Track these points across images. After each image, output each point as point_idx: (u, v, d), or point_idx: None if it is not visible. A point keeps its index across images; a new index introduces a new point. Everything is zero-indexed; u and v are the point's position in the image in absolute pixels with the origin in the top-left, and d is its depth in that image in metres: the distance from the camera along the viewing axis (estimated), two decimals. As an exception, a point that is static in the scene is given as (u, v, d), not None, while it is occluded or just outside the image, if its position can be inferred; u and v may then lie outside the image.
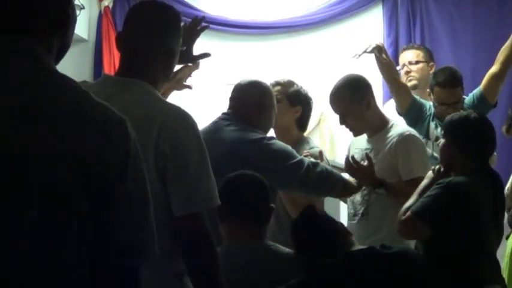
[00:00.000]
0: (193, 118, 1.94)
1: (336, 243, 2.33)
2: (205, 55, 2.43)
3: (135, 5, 2.12)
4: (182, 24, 2.12)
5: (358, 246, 2.34)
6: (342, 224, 2.44)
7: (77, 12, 1.38)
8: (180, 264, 1.90)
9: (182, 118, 1.91)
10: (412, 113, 3.60)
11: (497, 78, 3.58)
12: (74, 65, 4.95)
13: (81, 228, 1.22)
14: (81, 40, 4.93)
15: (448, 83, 3.52)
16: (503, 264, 3.64)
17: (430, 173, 2.77)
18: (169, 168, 1.85)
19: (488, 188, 2.66)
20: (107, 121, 1.26)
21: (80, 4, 4.17)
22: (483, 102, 3.57)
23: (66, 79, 1.28)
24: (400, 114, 3.66)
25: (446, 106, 3.47)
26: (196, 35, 2.41)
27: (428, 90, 3.68)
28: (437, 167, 2.77)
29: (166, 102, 1.99)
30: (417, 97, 3.70)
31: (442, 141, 2.77)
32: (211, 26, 2.43)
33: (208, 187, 1.89)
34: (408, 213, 2.59)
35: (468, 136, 2.69)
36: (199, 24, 2.44)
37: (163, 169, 1.85)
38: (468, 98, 3.60)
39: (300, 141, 3.13)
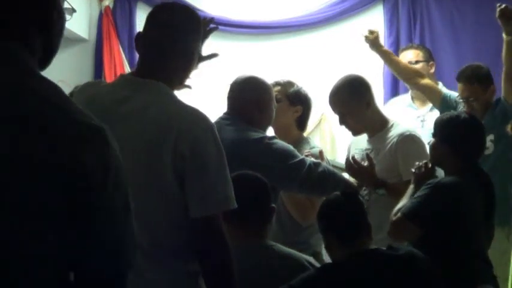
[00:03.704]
0: (211, 120, 1.94)
1: (362, 232, 2.35)
2: (213, 55, 2.42)
3: (157, 7, 2.11)
4: None
5: (372, 246, 2.37)
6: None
7: (68, 16, 1.35)
8: (195, 265, 1.91)
9: (201, 120, 1.91)
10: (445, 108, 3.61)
11: (506, 78, 3.56)
12: (74, 65, 4.96)
13: (59, 238, 1.19)
14: (82, 40, 4.93)
15: (461, 77, 3.58)
16: (511, 264, 3.63)
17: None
18: (188, 170, 1.85)
19: (479, 188, 2.67)
20: (88, 129, 1.23)
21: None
22: (501, 104, 3.55)
23: (49, 83, 1.26)
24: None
25: (463, 101, 3.51)
26: (204, 36, 2.41)
27: None
28: (423, 162, 2.78)
29: (184, 104, 1.98)
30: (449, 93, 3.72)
31: (432, 140, 2.78)
32: (211, 25, 2.42)
33: (226, 190, 1.89)
34: (398, 214, 2.60)
35: (458, 136, 2.69)
36: (208, 25, 2.43)
37: (181, 171, 1.85)
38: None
39: (300, 141, 3.13)
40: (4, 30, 1.25)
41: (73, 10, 4.24)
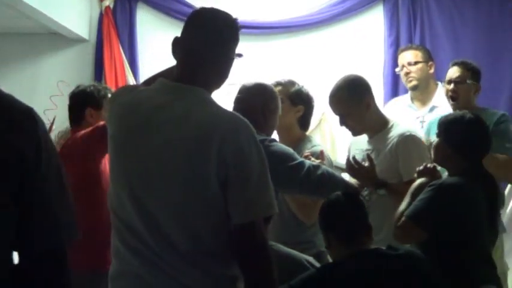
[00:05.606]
0: (251, 126, 1.94)
1: (362, 232, 2.35)
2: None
3: (195, 12, 2.11)
4: None
5: (373, 246, 2.37)
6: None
7: None
8: (236, 269, 1.91)
9: (243, 127, 1.92)
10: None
11: None
12: (74, 65, 4.96)
13: (2, 218, 1.23)
14: (82, 40, 4.93)
15: (459, 62, 3.63)
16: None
17: (420, 180, 2.76)
18: (231, 177, 1.86)
19: (482, 188, 2.65)
20: (15, 111, 1.25)
21: None
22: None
23: None
24: None
25: (452, 84, 3.54)
26: None
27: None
28: (423, 165, 2.78)
29: (225, 110, 1.99)
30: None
31: (436, 140, 2.77)
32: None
33: (267, 196, 1.90)
34: (403, 218, 2.59)
35: (462, 136, 2.69)
36: None
37: (224, 177, 1.86)
38: None
39: (302, 140, 3.14)
40: None
41: None
